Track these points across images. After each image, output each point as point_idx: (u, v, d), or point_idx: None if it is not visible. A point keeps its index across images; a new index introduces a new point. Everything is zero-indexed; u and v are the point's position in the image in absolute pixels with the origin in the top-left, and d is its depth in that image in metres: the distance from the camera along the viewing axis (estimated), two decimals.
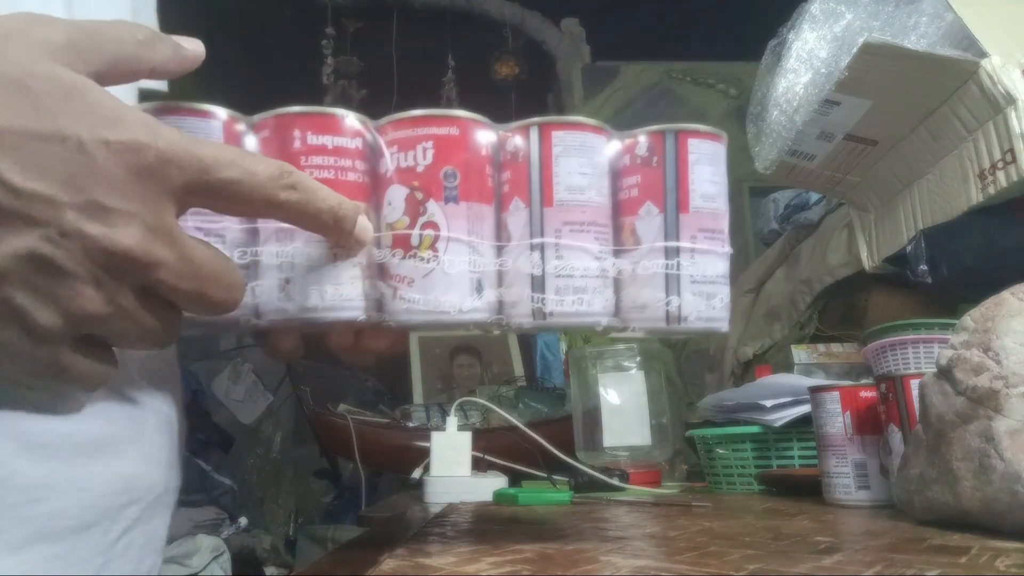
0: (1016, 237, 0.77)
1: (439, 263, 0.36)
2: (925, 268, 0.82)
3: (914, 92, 0.81)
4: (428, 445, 0.95)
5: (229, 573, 1.83)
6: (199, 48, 0.33)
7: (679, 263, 0.38)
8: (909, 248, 0.85)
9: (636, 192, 0.39)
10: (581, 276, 0.37)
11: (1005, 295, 0.48)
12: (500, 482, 0.94)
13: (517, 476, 1.04)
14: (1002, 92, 0.74)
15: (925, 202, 0.87)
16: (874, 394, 0.66)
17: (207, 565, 1.75)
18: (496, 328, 0.38)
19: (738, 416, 0.92)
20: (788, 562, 0.37)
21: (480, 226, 0.37)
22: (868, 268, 1.00)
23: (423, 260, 0.36)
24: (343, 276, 0.36)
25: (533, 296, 0.37)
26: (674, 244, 0.38)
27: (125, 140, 0.27)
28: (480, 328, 0.38)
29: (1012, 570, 0.33)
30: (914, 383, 0.57)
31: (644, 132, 0.39)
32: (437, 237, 0.36)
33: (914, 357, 0.79)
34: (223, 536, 1.91)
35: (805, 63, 0.91)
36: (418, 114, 0.37)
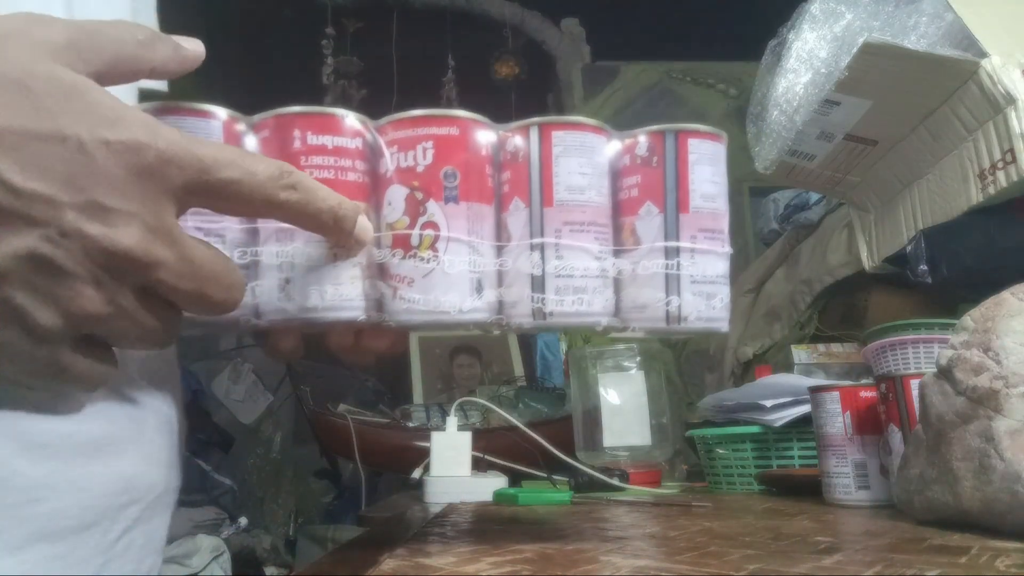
0: (1016, 237, 0.77)
1: (439, 263, 0.36)
2: (925, 268, 0.82)
3: (914, 92, 0.81)
4: (428, 445, 0.95)
5: (229, 573, 1.83)
6: (199, 48, 0.33)
7: (679, 263, 0.38)
8: (909, 248, 0.85)
9: (636, 192, 0.39)
10: (581, 276, 0.37)
11: (1005, 295, 0.48)
12: (500, 482, 0.94)
13: (517, 476, 1.04)
14: (1002, 92, 0.74)
15: (925, 202, 0.87)
16: (874, 394, 0.66)
17: (207, 565, 1.75)
18: (496, 328, 0.38)
19: (738, 416, 0.92)
20: (788, 562, 0.37)
21: (480, 226, 0.37)
22: (868, 268, 1.00)
23: (423, 260, 0.36)
24: (343, 276, 0.36)
25: (533, 296, 0.37)
26: (674, 244, 0.38)
27: (125, 140, 0.27)
28: (480, 328, 0.38)
29: (1012, 570, 0.33)
30: (914, 383, 0.57)
31: (644, 132, 0.39)
32: (437, 237, 0.36)
33: (914, 357, 0.79)
34: (223, 536, 1.91)
35: (805, 63, 0.91)
36: (418, 114, 0.37)
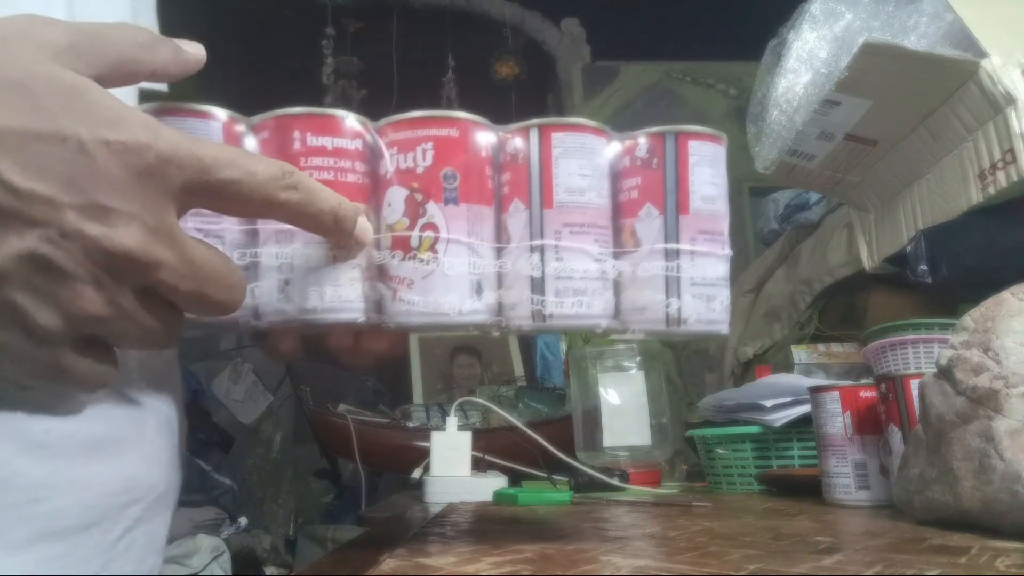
0: (1016, 237, 0.77)
1: (439, 265, 0.36)
2: (925, 268, 0.82)
3: (914, 92, 0.81)
4: (428, 445, 0.95)
5: (229, 573, 1.83)
6: (200, 51, 0.33)
7: (679, 265, 0.38)
8: (909, 248, 0.85)
9: (636, 194, 0.39)
10: (581, 278, 0.37)
11: (1005, 295, 0.48)
12: (500, 482, 0.94)
13: (517, 476, 1.04)
14: (1002, 92, 0.74)
15: (925, 202, 0.87)
16: (874, 394, 0.66)
17: (207, 565, 1.76)
18: (496, 330, 0.38)
19: (738, 416, 0.92)
20: (788, 562, 0.37)
21: (480, 228, 0.37)
22: (868, 268, 1.00)
23: (423, 262, 0.36)
24: (342, 278, 0.36)
25: (533, 298, 0.37)
26: (674, 246, 0.38)
27: (125, 141, 0.27)
28: (479, 330, 0.38)
29: (1012, 570, 0.33)
30: (914, 383, 0.57)
31: (644, 134, 0.39)
32: (437, 239, 0.36)
33: (914, 357, 0.79)
34: (223, 536, 1.91)
35: (805, 63, 0.91)
36: (418, 115, 0.37)
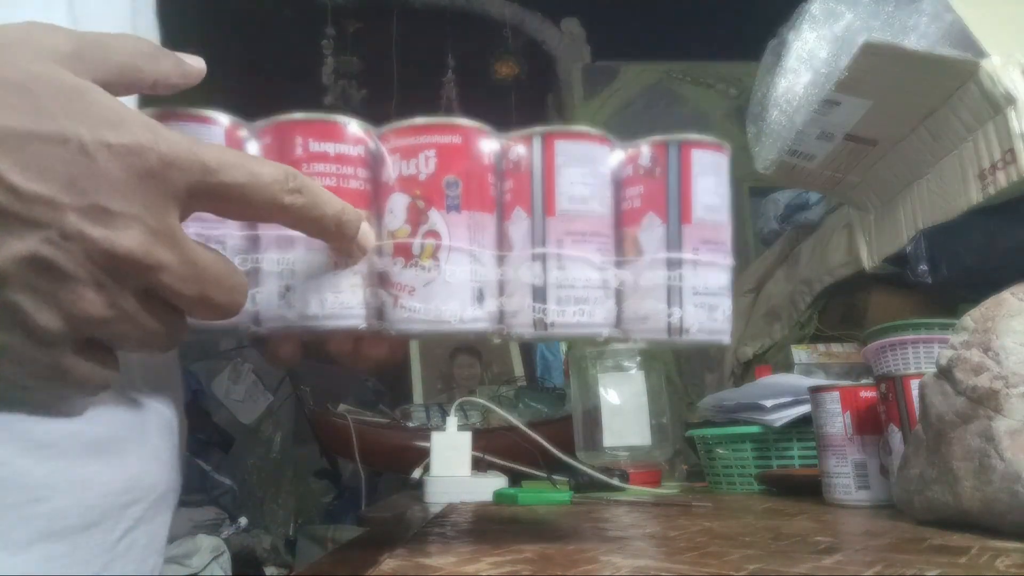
0: (1016, 237, 0.77)
1: (440, 272, 0.36)
2: (925, 268, 0.82)
3: (914, 92, 0.81)
4: (428, 445, 0.95)
5: (229, 573, 1.83)
6: (201, 64, 0.33)
7: (681, 274, 0.38)
8: (909, 248, 0.85)
9: (638, 203, 0.39)
10: (583, 287, 0.37)
11: (1005, 295, 0.48)
12: (500, 482, 0.94)
13: (517, 476, 1.04)
14: (1002, 92, 0.74)
15: (925, 202, 0.87)
16: (874, 394, 0.66)
17: (207, 565, 1.76)
18: (497, 337, 0.38)
19: (738, 416, 0.92)
20: (788, 562, 0.37)
21: (482, 235, 0.37)
22: (868, 268, 1.00)
23: (424, 269, 0.36)
24: (343, 284, 0.35)
25: (534, 306, 0.37)
26: (676, 255, 0.38)
27: (127, 142, 0.27)
28: (481, 337, 0.38)
29: (1012, 570, 0.33)
30: (914, 383, 0.57)
31: (647, 143, 0.39)
32: (438, 246, 0.36)
33: (914, 357, 0.79)
34: (223, 536, 1.91)
35: (805, 63, 0.91)
36: (421, 122, 0.37)
